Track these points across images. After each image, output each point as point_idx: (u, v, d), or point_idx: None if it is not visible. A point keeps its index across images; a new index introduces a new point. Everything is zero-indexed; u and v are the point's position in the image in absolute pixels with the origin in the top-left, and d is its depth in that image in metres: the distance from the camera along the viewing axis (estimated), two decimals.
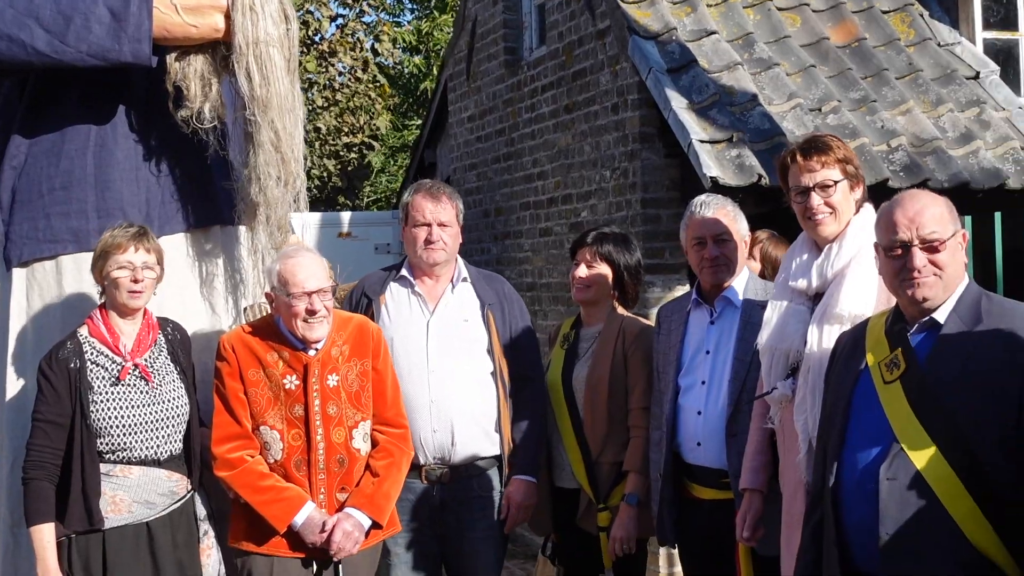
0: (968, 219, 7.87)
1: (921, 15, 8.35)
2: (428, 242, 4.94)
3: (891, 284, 3.49)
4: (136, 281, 4.34)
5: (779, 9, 8.15)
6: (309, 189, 4.91)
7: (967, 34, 8.36)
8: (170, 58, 4.64)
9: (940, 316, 3.40)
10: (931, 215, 3.41)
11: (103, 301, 4.42)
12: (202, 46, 4.65)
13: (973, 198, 7.21)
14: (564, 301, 8.38)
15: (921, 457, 3.27)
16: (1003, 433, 3.22)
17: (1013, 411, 3.21)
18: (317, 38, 22.97)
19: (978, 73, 8.01)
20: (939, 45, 8.18)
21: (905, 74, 7.84)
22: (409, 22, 22.88)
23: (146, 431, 4.33)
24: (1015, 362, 3.24)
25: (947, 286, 3.41)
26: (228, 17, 4.62)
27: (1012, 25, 8.63)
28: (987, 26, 8.49)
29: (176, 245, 4.81)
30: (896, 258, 3.42)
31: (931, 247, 3.39)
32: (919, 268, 3.37)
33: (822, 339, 3.91)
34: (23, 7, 4.46)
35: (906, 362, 3.39)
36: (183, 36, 4.59)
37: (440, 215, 4.94)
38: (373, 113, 22.37)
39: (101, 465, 4.28)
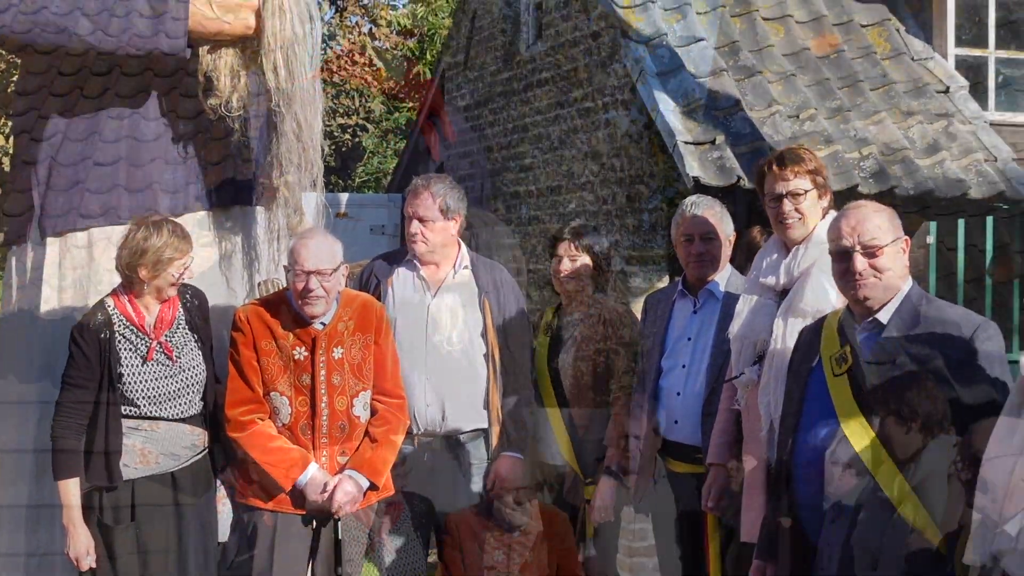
0: (933, 224, 8.16)
1: (897, 30, 8.53)
2: (410, 234, 5.18)
3: (839, 285, 3.82)
4: (191, 276, 4.61)
5: (764, 19, 8.31)
6: None
7: (940, 49, 8.54)
8: (203, 51, 4.87)
9: (883, 317, 3.73)
10: (871, 224, 3.73)
11: (125, 283, 4.55)
12: (233, 41, 4.89)
13: (937, 205, 7.45)
14: (550, 287, 8.56)
15: (861, 443, 3.59)
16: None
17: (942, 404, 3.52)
18: None
19: (948, 87, 8.20)
20: (913, 59, 8.37)
21: (879, 85, 8.04)
22: (404, 6, 22.97)
23: (170, 399, 4.55)
24: (945, 363, 3.58)
25: (887, 287, 3.72)
26: (259, 16, 4.85)
27: (983, 43, 8.79)
28: (959, 43, 8.67)
29: (198, 222, 5.02)
30: (841, 262, 3.75)
31: (870, 252, 3.70)
32: (860, 271, 3.70)
33: (786, 331, 4.19)
34: None
35: (852, 358, 3.71)
36: (216, 32, 4.83)
37: (417, 209, 5.13)
38: (367, 95, 22.45)
39: (130, 420, 4.47)
